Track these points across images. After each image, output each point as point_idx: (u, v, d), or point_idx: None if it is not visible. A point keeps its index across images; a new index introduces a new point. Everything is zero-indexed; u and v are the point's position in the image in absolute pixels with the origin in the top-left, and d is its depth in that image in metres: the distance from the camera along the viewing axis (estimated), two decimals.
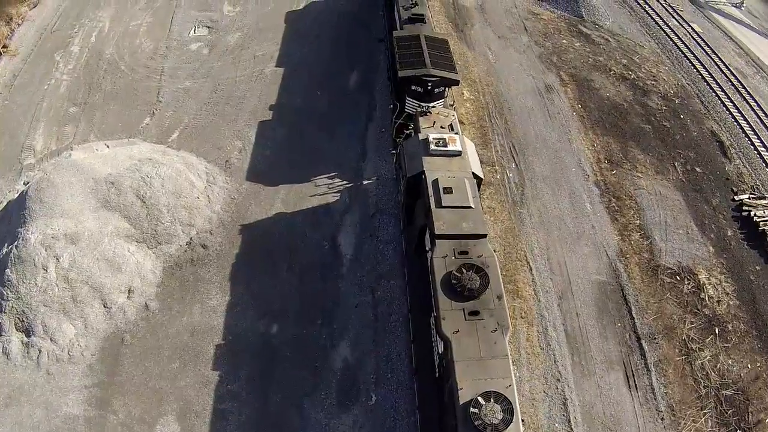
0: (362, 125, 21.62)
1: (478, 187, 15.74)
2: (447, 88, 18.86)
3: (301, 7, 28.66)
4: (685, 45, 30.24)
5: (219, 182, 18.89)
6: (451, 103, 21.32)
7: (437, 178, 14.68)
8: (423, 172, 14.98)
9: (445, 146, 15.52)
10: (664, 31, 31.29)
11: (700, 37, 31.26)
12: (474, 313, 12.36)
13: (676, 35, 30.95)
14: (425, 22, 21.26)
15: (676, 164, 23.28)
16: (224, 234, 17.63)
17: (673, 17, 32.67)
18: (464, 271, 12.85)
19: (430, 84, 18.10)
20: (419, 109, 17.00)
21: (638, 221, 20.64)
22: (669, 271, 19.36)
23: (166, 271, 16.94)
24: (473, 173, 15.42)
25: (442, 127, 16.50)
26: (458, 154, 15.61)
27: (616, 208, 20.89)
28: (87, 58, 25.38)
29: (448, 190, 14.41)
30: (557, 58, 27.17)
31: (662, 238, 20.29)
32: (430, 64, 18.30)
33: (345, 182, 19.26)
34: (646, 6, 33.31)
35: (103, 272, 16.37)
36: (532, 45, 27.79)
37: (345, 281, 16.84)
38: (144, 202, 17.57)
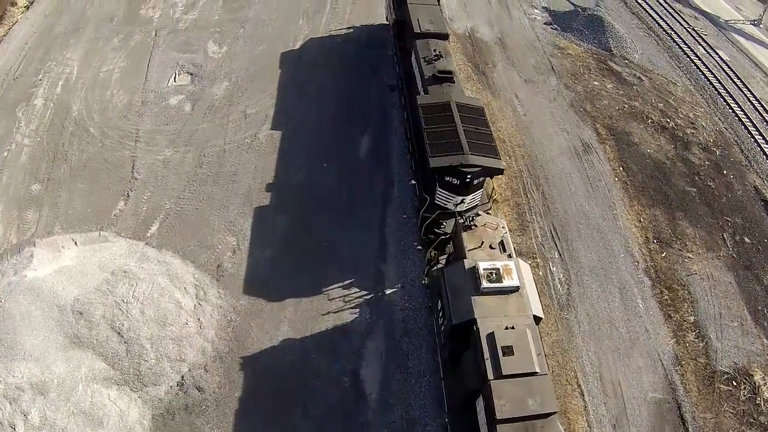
0: (379, 209, 18.40)
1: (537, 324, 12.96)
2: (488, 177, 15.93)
3: (297, 47, 24.90)
4: (717, 79, 27.97)
5: (211, 298, 15.71)
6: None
7: (493, 332, 11.81)
8: (474, 321, 12.11)
9: (500, 281, 12.59)
10: (694, 63, 28.78)
11: (729, 67, 29.03)
12: None
13: (706, 66, 28.59)
14: (454, 82, 17.96)
15: (725, 235, 20.89)
16: (222, 370, 14.57)
17: (700, 44, 30.23)
18: None
19: (469, 177, 15.10)
20: (461, 221, 13.92)
21: (692, 317, 18.28)
22: (725, 376, 17.23)
23: (156, 420, 13.87)
24: (534, 315, 12.60)
25: (491, 247, 13.51)
26: (515, 290, 12.72)
27: (669, 302, 18.41)
28: (52, 117, 21.57)
29: (507, 351, 11.55)
30: (591, 105, 24.15)
31: (717, 335, 18.04)
32: (469, 148, 15.19)
33: (364, 293, 16.19)
34: (672, 33, 30.48)
35: (81, 428, 13.34)
36: (562, 89, 24.67)
37: (372, 429, 14.04)
38: (122, 336, 14.40)
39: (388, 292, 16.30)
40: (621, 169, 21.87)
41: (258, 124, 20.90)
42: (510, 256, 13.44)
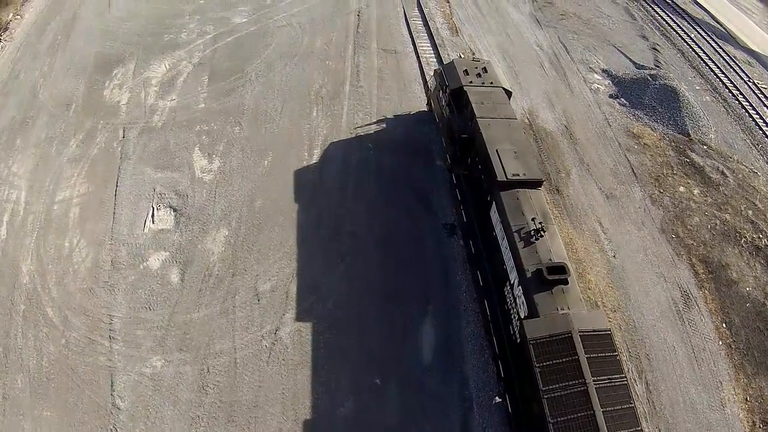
0: None
1: None
2: None
3: (315, 160, 18.91)
4: None
5: None
6: None
7: None
8: None
9: None
10: (765, 134, 24.88)
11: None
12: None
13: None
14: (568, 282, 13.16)
15: None
16: None
17: (764, 104, 26.52)
18: None
19: None
20: None
21: None
22: None
23: None
24: None
25: None
26: None
27: None
28: None
29: None
30: (682, 227, 19.57)
31: None
32: (607, 427, 11.16)
33: None
34: (737, 93, 26.67)
35: None
36: (648, 206, 19.84)
37: None
38: None
39: None
40: (724, 326, 17.84)
41: (277, 312, 15.30)
42: None
